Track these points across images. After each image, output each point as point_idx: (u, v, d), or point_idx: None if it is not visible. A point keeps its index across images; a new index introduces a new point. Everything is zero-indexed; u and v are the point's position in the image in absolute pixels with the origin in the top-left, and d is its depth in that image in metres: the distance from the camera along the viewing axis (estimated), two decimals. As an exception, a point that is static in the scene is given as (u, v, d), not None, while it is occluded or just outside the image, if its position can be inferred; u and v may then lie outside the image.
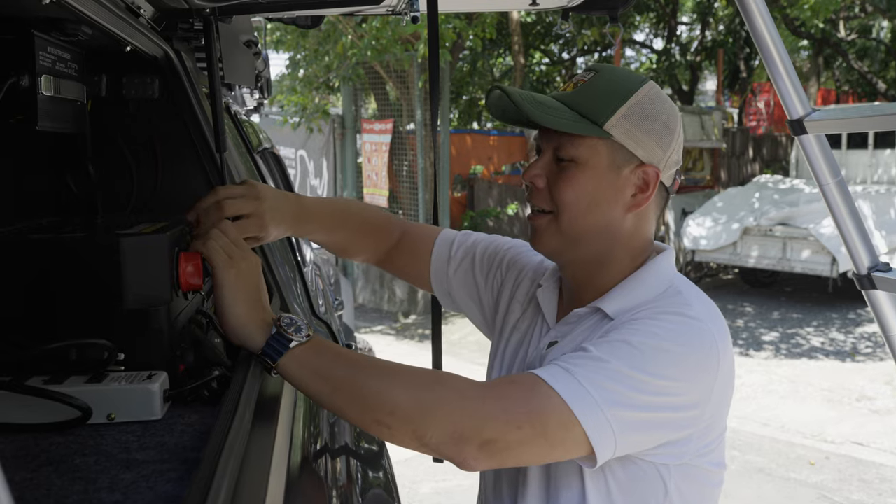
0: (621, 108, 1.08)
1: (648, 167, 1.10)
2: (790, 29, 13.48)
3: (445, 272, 1.38)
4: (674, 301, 1.08)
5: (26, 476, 0.78)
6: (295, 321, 0.98)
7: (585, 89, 1.11)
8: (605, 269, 1.14)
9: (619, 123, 1.08)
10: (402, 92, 9.50)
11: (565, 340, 1.14)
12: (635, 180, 1.11)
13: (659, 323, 1.02)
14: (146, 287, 1.00)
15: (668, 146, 1.11)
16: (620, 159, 1.10)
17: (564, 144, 1.10)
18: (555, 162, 1.12)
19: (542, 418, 0.94)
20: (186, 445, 0.86)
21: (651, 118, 1.10)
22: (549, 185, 1.12)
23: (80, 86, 1.24)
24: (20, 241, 1.02)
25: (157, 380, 0.94)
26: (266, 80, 2.59)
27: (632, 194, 1.11)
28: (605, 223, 1.12)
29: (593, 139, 1.09)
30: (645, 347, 0.99)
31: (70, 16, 1.07)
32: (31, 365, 0.94)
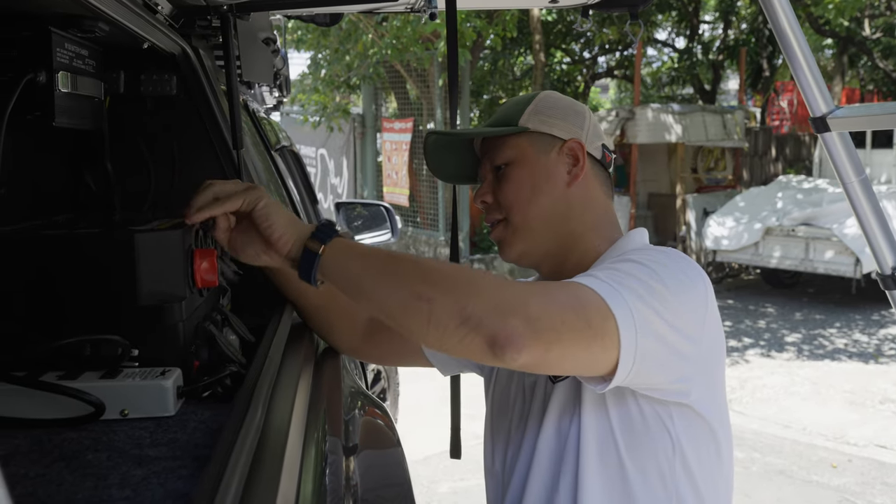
0: (528, 108, 1.24)
1: (571, 142, 1.22)
2: (814, 28, 13.33)
3: None
4: (658, 249, 1.12)
5: (39, 471, 0.78)
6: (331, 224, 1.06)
7: (496, 113, 1.29)
8: (575, 248, 1.21)
9: (531, 117, 1.23)
10: (422, 91, 9.50)
11: None
12: (564, 158, 1.22)
13: (656, 257, 1.06)
14: (161, 283, 1.00)
15: (581, 124, 1.24)
16: (544, 144, 1.22)
17: (495, 154, 1.24)
18: (494, 176, 1.24)
19: (585, 305, 0.94)
20: (199, 442, 0.86)
21: (557, 106, 1.25)
22: (496, 197, 1.23)
23: (97, 82, 1.25)
24: (36, 238, 1.02)
25: (171, 376, 0.94)
26: (285, 77, 2.59)
27: (567, 171, 1.22)
28: (551, 203, 1.20)
29: (515, 138, 1.23)
30: (661, 272, 1.02)
31: (87, 12, 1.07)
32: (45, 360, 0.94)
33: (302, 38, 10.20)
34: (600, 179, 1.25)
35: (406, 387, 4.66)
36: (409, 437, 4.17)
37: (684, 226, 10.70)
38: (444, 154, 1.32)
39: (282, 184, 2.04)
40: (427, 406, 5.23)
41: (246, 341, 1.19)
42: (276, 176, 1.98)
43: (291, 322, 1.32)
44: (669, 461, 1.07)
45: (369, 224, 3.28)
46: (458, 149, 1.32)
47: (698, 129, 10.89)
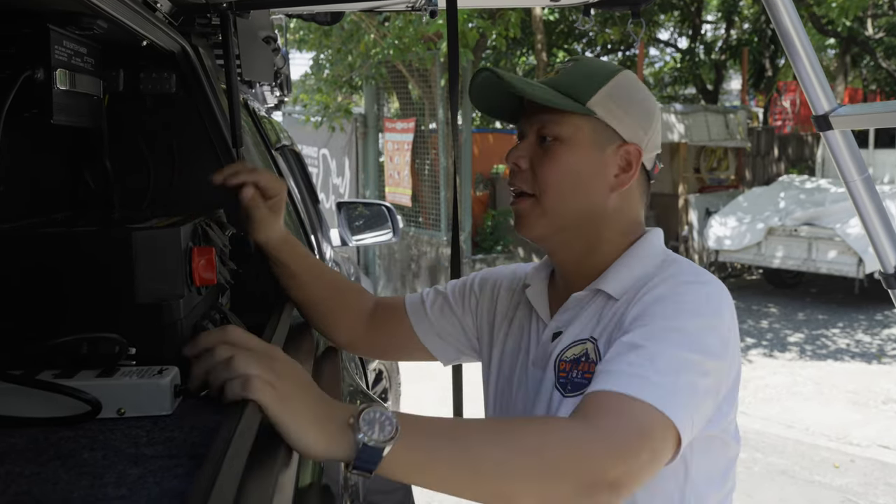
0: (604, 87, 1.12)
1: (631, 146, 1.13)
2: (817, 27, 13.30)
3: (425, 316, 1.36)
4: (678, 270, 1.08)
5: (35, 470, 0.77)
6: (374, 416, 0.81)
7: (567, 73, 1.14)
8: (596, 250, 1.15)
9: (602, 101, 1.11)
10: (424, 91, 9.50)
11: (571, 327, 1.13)
12: (618, 160, 1.13)
13: (685, 297, 1.02)
14: (159, 281, 1.00)
15: (648, 128, 1.14)
16: (603, 138, 1.12)
17: (548, 123, 1.12)
18: (538, 143, 1.14)
19: (651, 435, 0.90)
20: (196, 441, 0.85)
21: (632, 99, 1.14)
22: (533, 167, 1.14)
23: (96, 80, 1.24)
24: (34, 236, 1.02)
25: (168, 375, 0.93)
26: (286, 77, 2.59)
27: (615, 174, 1.13)
28: (589, 203, 1.13)
29: (577, 117, 1.11)
30: (689, 327, 0.99)
31: (86, 10, 1.07)
32: (42, 358, 0.94)
33: (304, 38, 10.20)
34: (642, 189, 1.18)
35: (408, 387, 4.66)
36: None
37: (686, 226, 10.68)
38: (489, 87, 1.17)
39: (282, 183, 2.03)
40: (429, 406, 5.23)
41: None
42: (276, 175, 1.97)
43: (290, 321, 1.31)
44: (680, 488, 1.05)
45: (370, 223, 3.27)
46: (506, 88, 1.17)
47: (701, 129, 10.87)
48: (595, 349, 1.09)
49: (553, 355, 1.14)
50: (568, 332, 1.13)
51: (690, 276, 1.06)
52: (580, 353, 1.10)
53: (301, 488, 0.81)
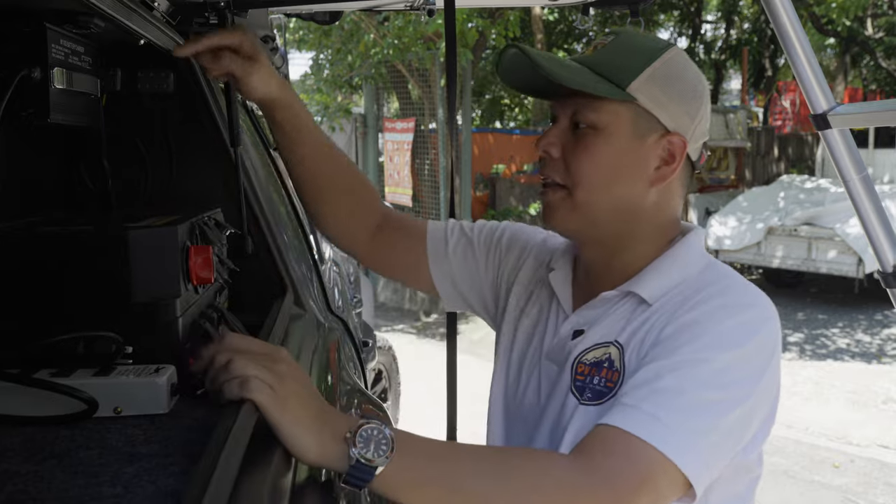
0: (646, 70, 1.00)
1: (674, 136, 1.02)
2: (816, 27, 13.31)
3: (445, 256, 1.26)
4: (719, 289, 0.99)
5: (31, 469, 0.77)
6: (371, 433, 0.80)
7: (607, 51, 1.03)
8: (629, 248, 1.06)
9: (644, 86, 1.00)
10: (424, 91, 9.49)
11: (595, 328, 1.05)
12: (660, 151, 1.02)
13: (720, 325, 0.94)
14: (155, 280, 1.00)
15: (695, 114, 1.03)
16: (644, 127, 1.01)
17: (583, 109, 1.01)
18: (572, 130, 1.04)
19: (653, 481, 0.87)
20: (192, 440, 0.85)
21: (678, 82, 1.02)
22: (565, 156, 1.04)
23: (93, 79, 1.24)
24: (30, 235, 1.02)
25: (165, 373, 0.93)
26: (284, 76, 2.58)
27: (655, 167, 1.03)
28: (625, 198, 1.03)
29: (615, 103, 1.00)
30: (719, 361, 0.91)
31: (83, 8, 1.06)
32: (39, 357, 0.94)
33: (304, 37, 10.19)
34: (684, 182, 1.07)
35: (408, 385, 4.65)
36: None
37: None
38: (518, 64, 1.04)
39: (281, 183, 2.03)
40: (429, 405, 5.22)
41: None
42: (275, 175, 1.97)
43: (288, 319, 1.31)
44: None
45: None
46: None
47: (701, 128, 10.87)
48: (620, 356, 1.00)
49: (572, 355, 1.05)
50: (591, 333, 1.05)
51: (731, 298, 0.98)
52: (602, 357, 1.02)
53: (297, 488, 0.81)
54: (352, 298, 3.17)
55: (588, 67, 1.01)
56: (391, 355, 4.08)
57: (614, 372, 1.00)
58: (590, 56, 1.03)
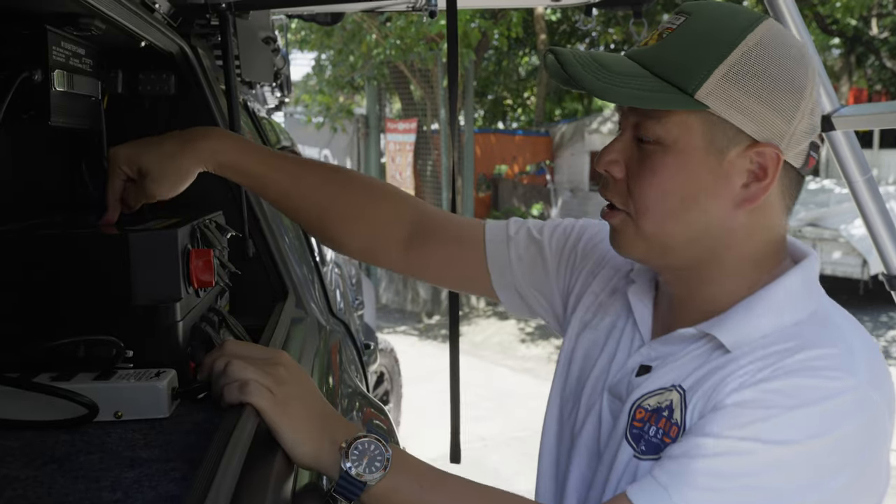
0: (719, 68, 0.80)
1: (764, 146, 0.81)
2: (821, 27, 13.29)
3: (508, 261, 1.10)
4: (824, 353, 0.78)
5: (30, 474, 0.77)
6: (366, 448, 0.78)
7: (671, 43, 0.83)
8: (716, 281, 0.88)
9: (718, 89, 0.80)
10: (426, 91, 9.50)
11: (663, 369, 0.89)
12: (746, 165, 0.83)
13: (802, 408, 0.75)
14: (156, 284, 0.99)
15: (793, 112, 0.81)
16: (723, 139, 0.82)
17: (646, 120, 0.84)
18: (636, 144, 0.86)
19: None
20: (193, 444, 0.84)
21: (765, 76, 0.80)
22: (628, 176, 0.87)
23: (94, 81, 1.24)
24: (31, 238, 1.02)
25: (166, 377, 0.93)
26: (286, 77, 2.58)
27: (743, 184, 0.83)
28: (704, 225, 0.85)
29: (682, 113, 0.82)
30: (788, 455, 0.75)
31: (83, 11, 1.06)
32: (39, 361, 0.94)
33: (306, 38, 10.21)
34: (786, 194, 0.86)
35: (409, 388, 4.65)
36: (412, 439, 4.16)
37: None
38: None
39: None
40: (431, 408, 5.22)
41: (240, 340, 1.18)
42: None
43: (289, 323, 1.31)
44: None
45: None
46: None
47: (704, 129, 10.85)
48: (682, 404, 0.84)
49: (633, 396, 0.90)
50: (658, 373, 0.89)
51: (827, 377, 0.77)
52: (663, 404, 0.86)
53: (298, 493, 0.81)
54: (353, 300, 3.16)
55: (647, 67, 0.83)
56: (393, 357, 4.08)
57: (672, 425, 0.84)
58: (651, 48, 0.84)
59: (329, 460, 0.79)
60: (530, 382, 6.32)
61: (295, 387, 0.82)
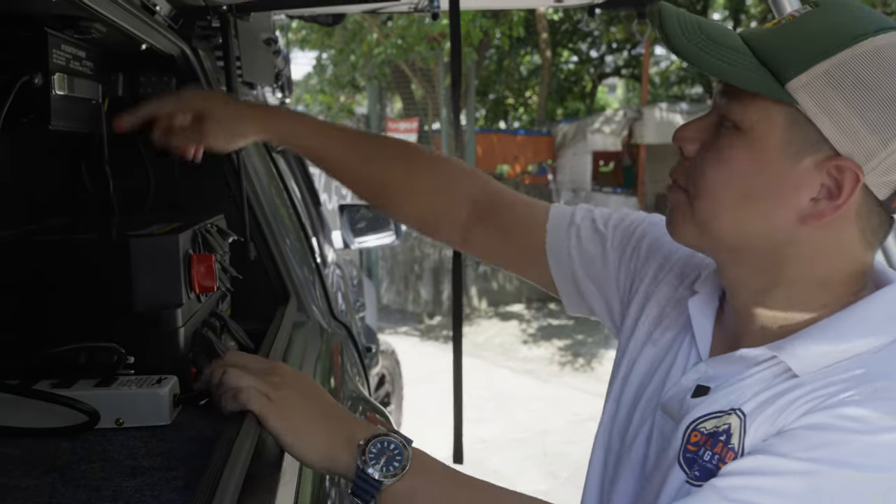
0: (822, 64, 0.73)
1: (845, 161, 0.74)
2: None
3: (567, 249, 1.05)
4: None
5: (31, 482, 0.76)
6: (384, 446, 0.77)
7: (788, 29, 0.77)
8: (779, 297, 0.82)
9: (813, 86, 0.73)
10: (427, 91, 9.49)
11: (722, 391, 0.83)
12: (821, 178, 0.75)
13: (873, 435, 0.70)
14: (157, 289, 0.99)
15: (892, 136, 0.72)
16: (802, 141, 0.75)
17: (732, 102, 0.78)
18: (717, 128, 0.81)
19: None
20: (194, 452, 0.84)
21: (872, 87, 0.72)
22: (699, 156, 0.83)
23: (95, 84, 1.23)
24: (31, 243, 1.01)
25: (167, 384, 0.92)
26: (287, 78, 2.58)
27: (812, 198, 0.76)
28: (760, 230, 0.79)
29: (768, 101, 0.75)
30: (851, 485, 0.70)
31: (83, 13, 1.06)
32: (40, 368, 0.93)
33: (307, 37, 10.21)
34: (865, 227, 0.78)
35: (411, 389, 4.65)
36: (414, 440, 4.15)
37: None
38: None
39: (283, 185, 2.02)
40: (432, 409, 5.22)
41: (245, 347, 1.17)
42: (277, 177, 1.96)
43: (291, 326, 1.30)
44: None
45: (373, 225, 3.26)
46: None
47: (706, 128, 10.84)
48: (741, 429, 0.78)
49: (688, 417, 0.84)
50: (716, 395, 0.83)
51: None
52: (720, 428, 0.80)
53: (301, 499, 0.80)
54: (355, 302, 3.16)
55: (753, 48, 0.77)
56: (394, 359, 4.07)
57: (729, 451, 0.79)
58: (766, 30, 0.79)
59: (344, 460, 0.77)
60: (532, 384, 6.31)
61: (292, 391, 0.82)
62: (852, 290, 0.80)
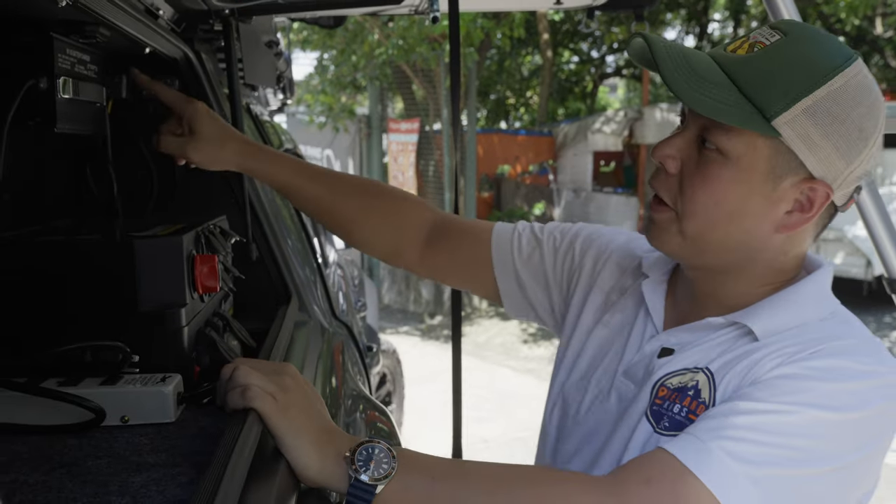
0: (804, 101, 0.82)
1: (818, 183, 0.86)
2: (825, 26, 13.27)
3: (511, 258, 1.16)
4: (848, 344, 0.86)
5: (39, 478, 0.78)
6: (371, 452, 0.79)
7: (761, 60, 0.84)
8: (741, 282, 0.94)
9: (796, 122, 0.82)
10: (428, 91, 9.50)
11: (687, 352, 0.94)
12: (797, 195, 0.87)
13: (833, 382, 0.82)
14: (161, 290, 1.00)
15: (854, 158, 0.85)
16: (783, 167, 0.85)
17: (715, 129, 0.86)
18: (698, 145, 0.89)
19: None
20: (199, 449, 0.86)
21: (842, 120, 0.83)
22: (683, 175, 0.90)
23: (99, 88, 1.25)
24: (36, 244, 1.03)
25: (171, 382, 0.94)
26: (288, 80, 2.59)
27: (787, 211, 0.88)
28: (742, 239, 0.89)
29: (753, 134, 0.84)
30: (821, 424, 0.80)
31: (88, 18, 1.07)
32: (46, 367, 0.95)
33: (308, 38, 10.21)
34: (819, 224, 0.91)
35: (412, 389, 4.66)
36: (414, 440, 4.17)
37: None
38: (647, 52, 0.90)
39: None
40: (433, 408, 5.23)
41: (247, 346, 1.19)
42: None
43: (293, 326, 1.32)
44: None
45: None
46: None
47: (706, 128, 10.83)
48: (710, 386, 0.89)
49: (654, 375, 0.94)
50: (681, 355, 0.94)
51: (853, 361, 0.84)
52: (688, 384, 0.90)
53: (303, 497, 0.82)
54: (356, 302, 3.17)
55: (733, 79, 0.85)
56: (395, 358, 4.09)
57: (700, 404, 0.88)
58: (740, 59, 0.86)
59: (335, 473, 0.79)
60: (532, 383, 6.32)
61: (298, 395, 0.84)
62: (796, 273, 0.95)
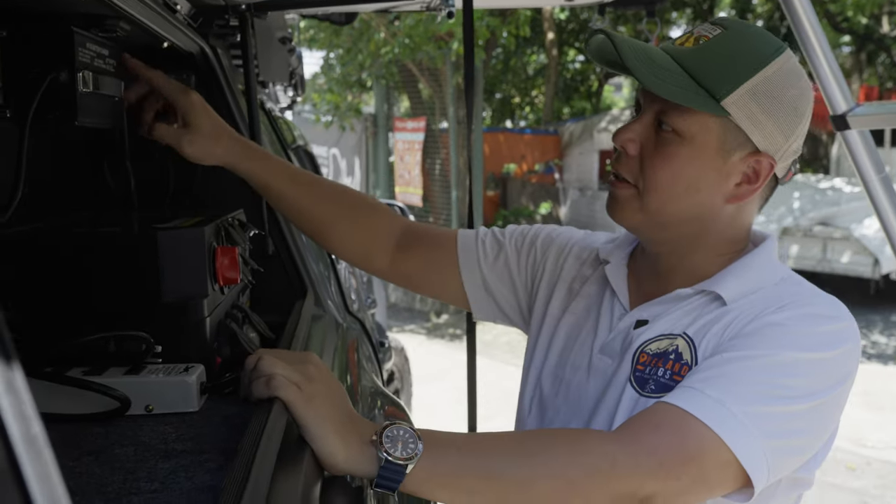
0: (747, 83, 0.94)
1: (763, 156, 0.97)
2: (831, 25, 13.24)
3: (476, 261, 1.23)
4: (808, 298, 0.97)
5: (68, 464, 0.79)
6: (397, 433, 0.80)
7: (708, 51, 0.95)
8: (699, 252, 1.03)
9: (741, 101, 0.94)
10: (435, 90, 9.50)
11: (661, 320, 1.02)
12: (744, 168, 0.98)
13: (809, 327, 0.92)
14: (183, 281, 1.01)
15: (791, 133, 0.97)
16: (732, 143, 0.96)
17: (671, 112, 0.96)
18: (654, 127, 0.99)
19: (700, 463, 0.85)
20: (224, 437, 0.86)
21: (780, 99, 0.95)
22: (642, 155, 0.99)
23: (117, 81, 1.26)
24: (61, 236, 1.03)
25: (194, 372, 0.95)
26: (300, 77, 2.60)
27: (736, 183, 0.98)
28: (698, 210, 0.99)
29: (706, 115, 0.95)
30: (801, 363, 0.90)
31: (109, 12, 1.08)
32: (71, 357, 0.95)
33: (314, 37, 10.23)
34: (763, 196, 1.03)
35: (419, 387, 4.67)
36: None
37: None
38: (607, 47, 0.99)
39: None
40: (440, 406, 5.24)
41: (266, 338, 1.20)
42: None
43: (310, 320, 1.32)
44: None
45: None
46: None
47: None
48: (691, 350, 0.97)
49: (633, 345, 1.02)
50: (657, 324, 1.02)
51: (820, 309, 0.95)
52: (668, 349, 0.99)
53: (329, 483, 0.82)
54: (366, 299, 3.18)
55: (684, 67, 0.95)
56: (403, 356, 4.10)
57: (683, 365, 0.97)
58: (688, 51, 0.96)
59: (363, 457, 0.80)
60: (540, 381, 6.32)
61: (322, 385, 0.84)
62: (745, 244, 1.05)
